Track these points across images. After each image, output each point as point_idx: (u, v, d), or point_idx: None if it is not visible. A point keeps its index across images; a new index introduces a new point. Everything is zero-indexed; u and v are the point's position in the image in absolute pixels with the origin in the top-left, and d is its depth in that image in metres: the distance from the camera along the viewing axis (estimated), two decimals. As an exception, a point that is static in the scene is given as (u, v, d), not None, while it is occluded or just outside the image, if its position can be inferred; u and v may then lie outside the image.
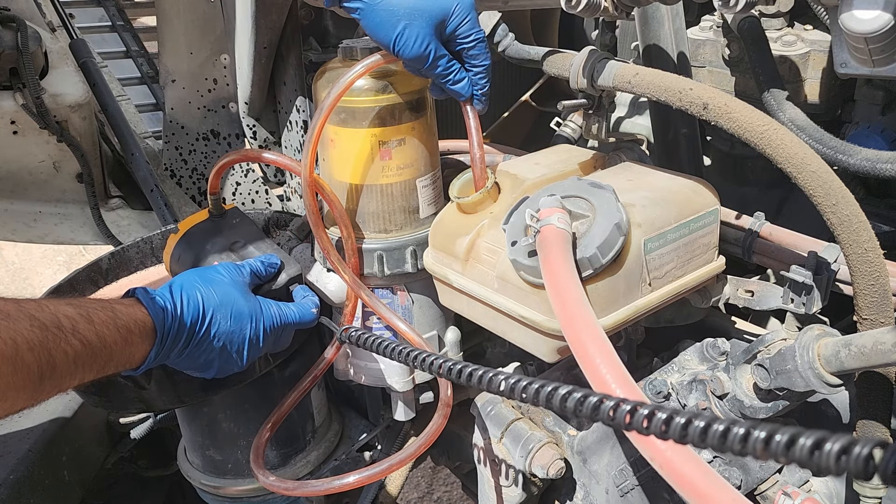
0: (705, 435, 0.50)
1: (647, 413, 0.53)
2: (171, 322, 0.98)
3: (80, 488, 1.52)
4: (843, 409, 1.08)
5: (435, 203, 1.22)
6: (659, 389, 1.03)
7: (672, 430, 0.51)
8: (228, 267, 1.11)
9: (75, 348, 0.85)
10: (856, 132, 1.33)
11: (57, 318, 0.85)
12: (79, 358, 0.86)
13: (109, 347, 0.90)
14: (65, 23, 2.50)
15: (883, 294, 0.92)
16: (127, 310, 0.95)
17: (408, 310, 1.23)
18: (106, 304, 0.94)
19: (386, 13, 1.03)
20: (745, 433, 0.47)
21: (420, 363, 0.85)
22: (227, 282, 1.07)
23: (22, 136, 2.06)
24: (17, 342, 0.78)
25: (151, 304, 0.98)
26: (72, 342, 0.85)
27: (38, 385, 0.81)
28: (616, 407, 0.56)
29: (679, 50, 1.34)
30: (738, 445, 0.48)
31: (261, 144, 1.84)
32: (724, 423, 0.49)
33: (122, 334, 0.92)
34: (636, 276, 0.97)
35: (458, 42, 1.08)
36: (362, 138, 1.13)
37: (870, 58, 1.00)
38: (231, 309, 1.05)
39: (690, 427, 0.50)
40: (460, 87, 1.10)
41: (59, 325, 0.84)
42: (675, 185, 1.07)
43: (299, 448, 1.36)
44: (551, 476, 1.02)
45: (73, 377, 0.87)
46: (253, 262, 1.16)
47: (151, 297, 0.99)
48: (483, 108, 1.15)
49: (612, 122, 1.70)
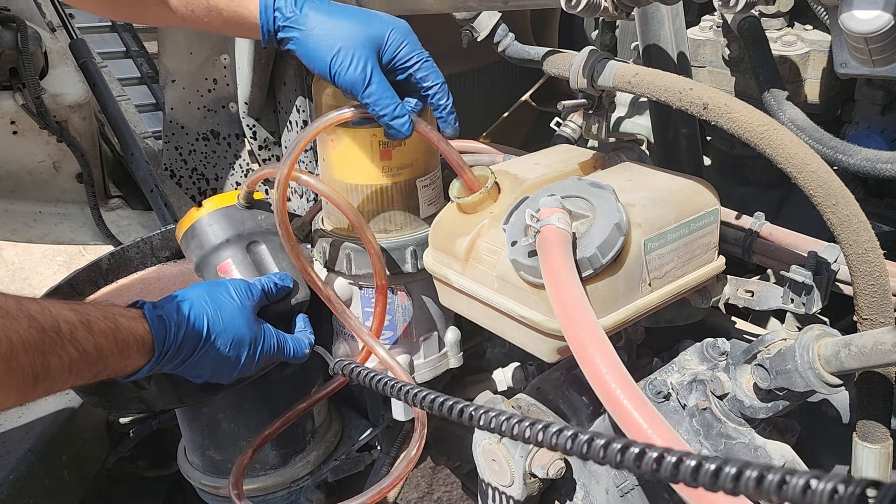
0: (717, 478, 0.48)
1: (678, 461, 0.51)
2: (172, 342, 0.99)
3: (80, 488, 1.52)
4: (843, 409, 1.08)
5: (435, 203, 1.22)
6: (659, 389, 1.03)
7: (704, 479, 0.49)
8: (241, 288, 1.10)
9: (71, 355, 0.85)
10: (856, 132, 1.33)
11: (57, 323, 0.84)
12: (73, 365, 0.86)
13: (105, 358, 0.90)
14: (65, 23, 2.50)
15: (883, 294, 0.91)
16: (129, 323, 0.95)
17: (408, 310, 1.23)
18: (109, 314, 0.93)
19: (321, 38, 1.04)
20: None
21: (413, 399, 0.87)
22: (235, 307, 1.07)
23: (22, 136, 2.07)
24: (13, 342, 0.78)
25: (156, 322, 0.98)
26: (68, 349, 0.85)
27: (31, 387, 0.81)
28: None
29: (679, 50, 1.33)
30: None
31: (261, 145, 1.84)
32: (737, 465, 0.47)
33: (120, 347, 0.92)
34: (636, 276, 0.97)
35: (400, 69, 1.07)
36: (362, 138, 1.13)
37: (870, 58, 1.00)
38: (233, 335, 1.05)
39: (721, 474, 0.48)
40: (399, 123, 1.06)
41: (58, 329, 0.84)
42: (675, 185, 1.07)
43: (299, 448, 1.36)
44: (551, 476, 1.02)
45: (66, 382, 0.87)
46: (267, 281, 1.16)
47: (157, 315, 0.99)
48: (454, 132, 1.12)
49: (612, 122, 1.70)
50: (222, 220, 1.25)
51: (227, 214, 1.26)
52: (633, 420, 0.75)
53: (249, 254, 1.24)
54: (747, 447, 0.97)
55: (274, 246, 1.26)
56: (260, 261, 1.24)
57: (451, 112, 1.11)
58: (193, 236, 1.26)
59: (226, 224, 1.25)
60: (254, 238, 1.25)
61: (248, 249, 1.24)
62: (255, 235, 1.25)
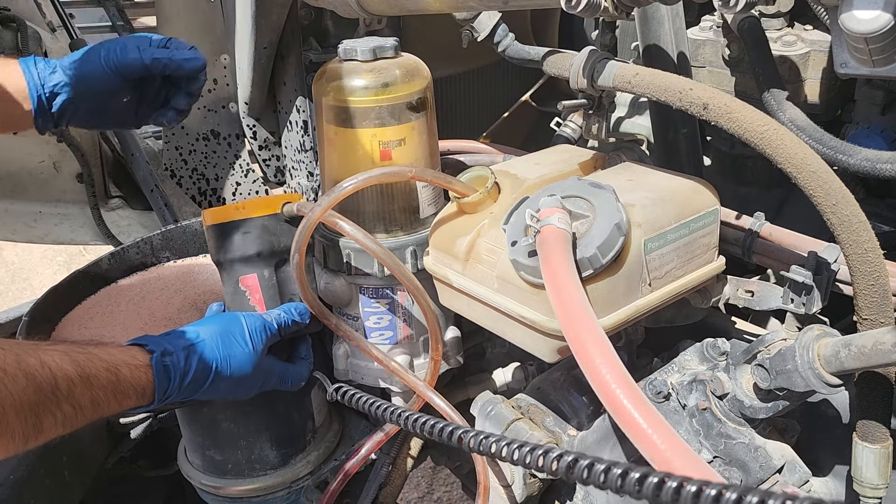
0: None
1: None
2: (173, 391, 0.99)
3: (80, 488, 1.52)
4: (843, 409, 1.08)
5: (435, 203, 1.22)
6: (659, 389, 1.03)
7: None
8: (257, 330, 1.09)
9: (65, 413, 0.84)
10: (856, 132, 1.33)
11: (54, 381, 0.83)
12: (67, 421, 0.85)
13: (101, 410, 0.90)
14: (65, 23, 2.50)
15: (883, 294, 0.91)
16: (132, 374, 0.94)
17: (408, 310, 1.23)
18: (111, 367, 0.92)
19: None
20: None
21: (411, 424, 0.89)
22: (247, 354, 1.07)
23: (22, 136, 2.06)
24: (4, 406, 0.76)
25: (161, 373, 0.97)
26: (64, 407, 0.84)
27: (22, 446, 0.81)
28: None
29: (679, 50, 1.34)
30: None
31: (261, 145, 1.84)
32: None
33: (118, 399, 0.92)
34: (636, 276, 0.97)
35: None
36: (362, 138, 1.13)
37: (870, 58, 1.00)
38: (238, 381, 1.06)
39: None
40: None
41: (55, 388, 0.83)
42: (675, 185, 1.07)
43: (299, 448, 1.36)
44: (551, 476, 1.02)
45: (58, 434, 0.86)
46: (286, 314, 1.15)
47: (164, 365, 0.98)
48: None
49: (612, 122, 1.70)
50: (260, 231, 1.19)
51: (266, 226, 1.19)
52: (633, 420, 0.75)
53: (277, 272, 1.21)
54: (747, 447, 0.97)
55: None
56: (285, 281, 1.22)
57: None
58: (224, 235, 1.19)
59: (263, 236, 1.19)
60: (285, 256, 1.20)
61: (277, 267, 1.21)
62: (286, 253, 1.19)
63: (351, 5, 1.27)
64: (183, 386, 0.99)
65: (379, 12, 1.31)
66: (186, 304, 1.39)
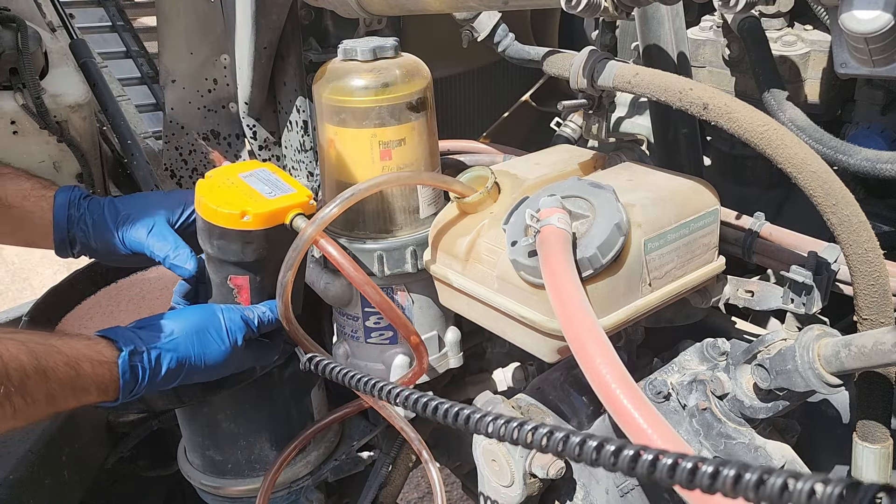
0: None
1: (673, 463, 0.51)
2: (139, 391, 0.97)
3: (80, 488, 1.52)
4: (843, 409, 1.08)
5: (435, 203, 1.22)
6: (659, 389, 1.03)
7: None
8: (234, 326, 1.07)
9: (17, 406, 0.81)
10: (856, 132, 1.33)
11: (5, 371, 0.80)
12: (18, 413, 0.82)
13: (57, 404, 0.87)
14: (65, 23, 2.50)
15: (883, 294, 0.92)
16: (94, 370, 0.91)
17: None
18: (72, 361, 0.89)
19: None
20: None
21: (385, 395, 0.86)
22: (222, 351, 1.05)
23: (22, 136, 2.06)
24: None
25: (127, 374, 0.95)
26: (14, 399, 0.81)
27: None
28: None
29: (679, 50, 1.33)
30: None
31: (261, 145, 1.84)
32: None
33: (77, 394, 0.89)
34: (636, 276, 0.97)
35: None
36: (362, 138, 1.13)
37: (870, 58, 1.00)
38: (212, 372, 1.06)
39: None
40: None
41: (4, 378, 0.80)
42: (675, 185, 1.07)
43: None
44: (551, 476, 1.02)
45: (8, 427, 0.83)
46: (270, 312, 1.12)
47: (132, 365, 0.95)
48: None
49: (612, 122, 1.70)
50: (263, 242, 1.10)
51: (270, 238, 1.10)
52: (633, 420, 0.75)
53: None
54: (747, 447, 0.97)
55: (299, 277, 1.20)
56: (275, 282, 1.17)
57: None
58: (222, 237, 1.10)
59: (264, 246, 1.11)
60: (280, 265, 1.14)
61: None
62: (282, 261, 1.13)
63: (351, 5, 1.27)
64: (153, 384, 0.98)
65: (379, 12, 1.31)
66: (186, 304, 1.39)
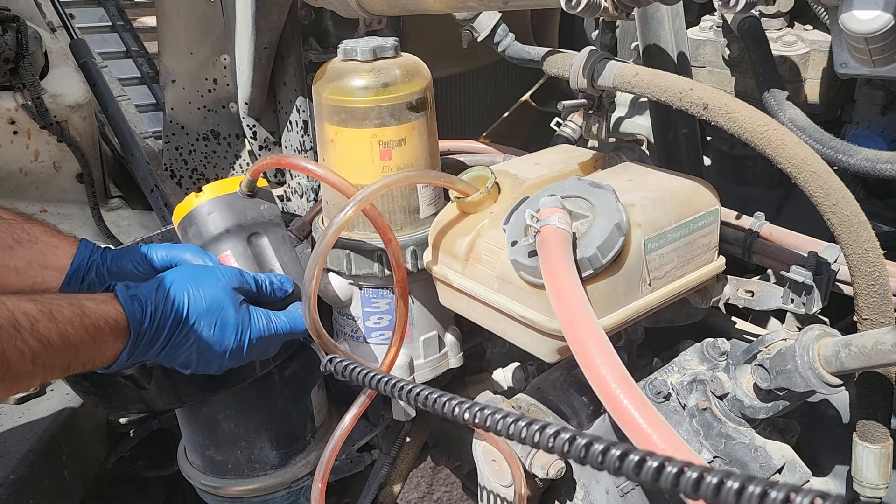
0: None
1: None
2: (149, 323, 0.95)
3: (80, 488, 1.52)
4: (843, 409, 1.08)
5: (435, 203, 1.22)
6: (659, 389, 1.03)
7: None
8: (228, 272, 1.07)
9: (33, 348, 0.81)
10: (856, 132, 1.33)
11: (13, 317, 0.81)
12: (37, 358, 0.82)
13: (75, 346, 0.87)
14: (65, 23, 2.50)
15: (883, 294, 0.92)
16: (98, 307, 0.91)
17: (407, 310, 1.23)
18: (74, 301, 0.89)
19: None
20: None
21: (409, 397, 0.84)
22: (220, 287, 1.03)
23: (21, 136, 2.06)
24: None
25: (129, 302, 0.94)
26: (29, 342, 0.81)
27: None
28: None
29: (679, 50, 1.34)
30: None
31: (261, 145, 1.84)
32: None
33: (91, 332, 0.88)
34: (636, 276, 0.97)
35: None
36: (362, 138, 1.13)
37: (870, 58, 1.00)
38: (217, 317, 1.01)
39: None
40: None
41: (15, 323, 0.80)
42: (675, 185, 1.07)
43: (299, 448, 1.36)
44: (551, 476, 1.02)
45: (34, 376, 0.83)
46: (264, 277, 1.12)
47: (132, 295, 0.95)
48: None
49: (612, 122, 1.70)
50: (223, 209, 1.20)
51: (228, 203, 1.21)
52: (634, 420, 0.75)
53: (250, 246, 1.21)
54: (747, 447, 0.97)
55: (276, 238, 1.23)
56: (261, 253, 1.22)
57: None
58: (192, 224, 1.22)
59: (227, 213, 1.20)
60: (255, 230, 1.22)
61: (249, 241, 1.21)
62: (256, 227, 1.22)
63: (351, 5, 1.27)
64: (157, 318, 0.95)
65: (379, 12, 1.31)
66: (186, 304, 1.39)
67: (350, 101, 1.12)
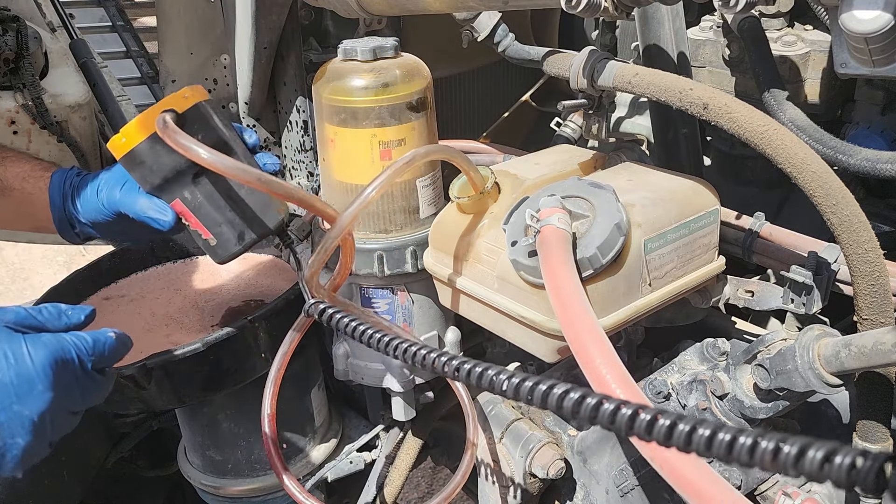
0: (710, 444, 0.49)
1: (650, 419, 0.52)
2: None
3: (80, 488, 1.52)
4: (843, 409, 1.08)
5: (435, 203, 1.22)
6: (659, 389, 1.03)
7: (676, 438, 0.51)
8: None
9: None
10: (856, 132, 1.33)
11: None
12: None
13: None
14: (65, 23, 2.50)
15: (883, 294, 0.92)
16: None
17: (408, 310, 1.23)
18: None
19: None
20: (752, 443, 0.47)
21: (392, 350, 0.77)
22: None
23: (21, 135, 2.06)
24: None
25: None
26: None
27: None
28: (616, 410, 0.55)
29: (679, 50, 1.34)
30: (746, 456, 0.47)
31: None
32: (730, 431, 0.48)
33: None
34: (636, 276, 0.97)
35: None
36: (362, 138, 1.13)
37: (870, 58, 1.00)
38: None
39: (695, 435, 0.50)
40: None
41: None
42: (675, 185, 1.07)
43: (299, 448, 1.36)
44: (551, 476, 1.02)
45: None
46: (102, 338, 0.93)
47: None
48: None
49: (612, 122, 1.70)
50: (146, 157, 1.06)
51: (152, 149, 1.06)
52: (633, 420, 0.75)
53: (197, 189, 1.06)
54: (747, 447, 0.97)
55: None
56: (211, 195, 1.07)
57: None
58: (129, 168, 1.09)
59: (155, 161, 1.06)
60: (194, 170, 1.05)
61: (195, 185, 1.06)
62: (194, 167, 1.04)
63: (351, 5, 1.27)
64: None
65: (379, 12, 1.31)
66: (187, 304, 1.39)
67: (350, 101, 1.12)
